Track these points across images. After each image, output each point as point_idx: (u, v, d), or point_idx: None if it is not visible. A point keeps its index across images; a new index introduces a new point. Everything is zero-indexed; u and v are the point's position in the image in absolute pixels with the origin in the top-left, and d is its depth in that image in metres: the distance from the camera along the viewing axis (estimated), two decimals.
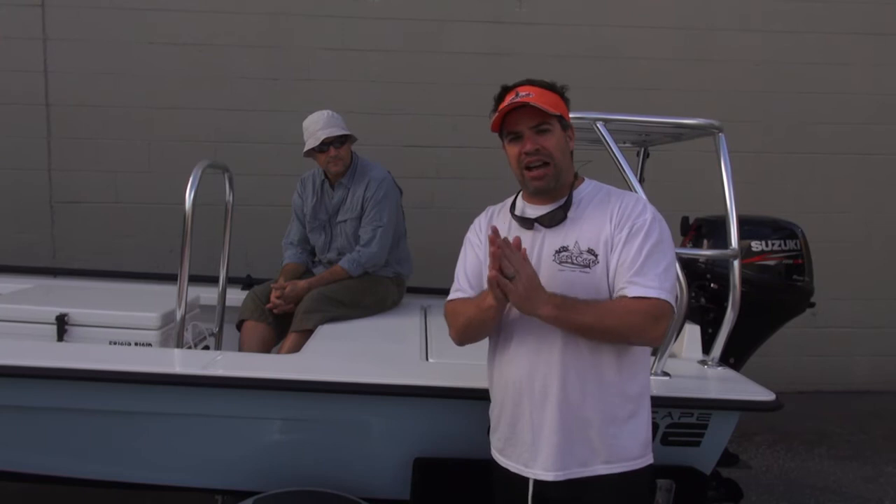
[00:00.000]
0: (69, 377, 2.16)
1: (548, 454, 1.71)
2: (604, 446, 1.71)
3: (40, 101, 4.52)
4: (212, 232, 3.17)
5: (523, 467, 1.75)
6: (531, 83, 1.77)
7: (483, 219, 1.93)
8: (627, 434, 1.73)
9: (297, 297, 3.07)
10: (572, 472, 1.70)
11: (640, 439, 1.75)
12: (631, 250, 1.67)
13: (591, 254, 1.70)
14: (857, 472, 3.89)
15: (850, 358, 5.09)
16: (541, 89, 1.75)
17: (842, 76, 4.90)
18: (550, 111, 1.70)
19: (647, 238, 1.68)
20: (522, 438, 1.75)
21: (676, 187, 3.89)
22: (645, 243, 1.67)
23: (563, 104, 1.78)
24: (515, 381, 1.76)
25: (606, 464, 1.71)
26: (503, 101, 1.75)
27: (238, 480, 2.35)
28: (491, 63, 4.59)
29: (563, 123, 1.77)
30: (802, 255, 2.80)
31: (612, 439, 1.71)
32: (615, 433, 1.71)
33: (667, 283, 1.66)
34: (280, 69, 4.60)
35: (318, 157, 3.22)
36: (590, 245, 1.71)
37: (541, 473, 1.72)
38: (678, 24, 4.79)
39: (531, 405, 1.73)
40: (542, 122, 1.72)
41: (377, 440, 2.31)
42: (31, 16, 4.46)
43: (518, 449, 1.77)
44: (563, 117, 1.77)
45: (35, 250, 4.50)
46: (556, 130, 1.74)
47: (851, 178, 4.97)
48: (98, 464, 2.37)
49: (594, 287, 1.69)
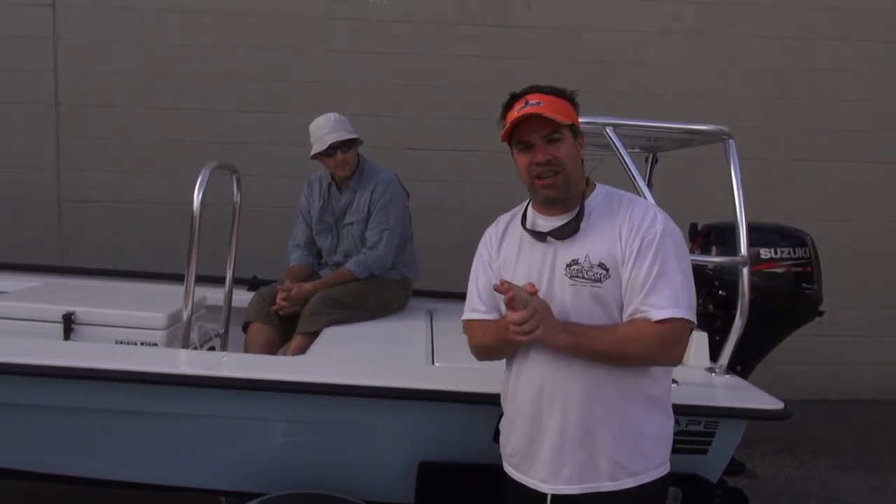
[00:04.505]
0: (75, 376, 2.16)
1: (570, 469, 1.69)
2: (625, 458, 1.68)
3: (49, 101, 4.54)
4: (218, 233, 3.18)
5: (541, 483, 1.73)
6: (539, 90, 1.72)
7: (493, 231, 1.89)
8: (648, 444, 1.71)
9: (303, 299, 3.07)
10: (593, 485, 1.68)
11: (660, 449, 1.74)
12: (643, 267, 1.63)
13: (601, 268, 1.66)
14: (863, 481, 3.87)
15: (857, 367, 5.05)
16: (551, 97, 1.71)
17: (850, 83, 4.88)
18: (562, 121, 1.67)
19: (658, 252, 1.64)
20: (540, 455, 1.72)
21: (685, 193, 3.87)
22: (656, 259, 1.63)
23: (573, 111, 1.74)
24: (533, 397, 1.73)
25: (630, 476, 1.68)
26: (511, 109, 1.72)
27: (242, 482, 2.35)
28: (498, 67, 4.58)
29: (574, 131, 1.73)
30: (811, 263, 2.78)
31: (633, 451, 1.69)
32: (636, 444, 1.69)
33: (683, 299, 1.63)
34: (288, 71, 4.61)
35: (325, 161, 3.22)
36: (601, 259, 1.67)
37: (563, 488, 1.69)
38: (687, 29, 4.78)
39: (550, 421, 1.70)
40: (553, 132, 1.68)
41: (382, 443, 2.30)
42: (41, 16, 4.48)
43: (535, 465, 1.74)
44: (574, 125, 1.73)
45: (42, 249, 4.51)
46: (568, 139, 1.71)
47: (860, 186, 4.95)
48: (102, 463, 2.37)
49: (605, 302, 1.67)
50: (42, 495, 3.11)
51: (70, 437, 2.31)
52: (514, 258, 1.80)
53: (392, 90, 4.66)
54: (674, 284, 1.62)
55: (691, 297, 1.66)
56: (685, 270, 1.67)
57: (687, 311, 1.62)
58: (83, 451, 2.34)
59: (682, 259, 1.67)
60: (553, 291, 1.69)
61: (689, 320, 1.63)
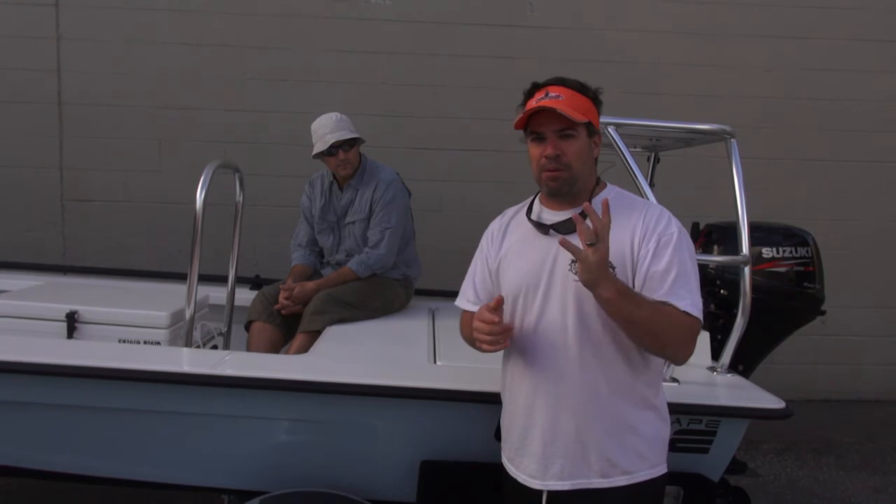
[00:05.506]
0: (79, 374, 2.17)
1: (561, 465, 1.68)
2: (617, 456, 1.67)
3: (53, 100, 4.55)
4: (221, 232, 3.18)
5: (530, 478, 1.73)
6: (563, 83, 1.70)
7: (496, 224, 1.89)
8: (644, 445, 1.70)
9: (306, 298, 3.08)
10: (583, 482, 1.67)
11: (656, 450, 1.73)
12: (661, 263, 1.63)
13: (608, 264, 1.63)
14: (865, 481, 3.86)
15: (860, 366, 5.04)
16: (572, 91, 1.68)
17: (853, 82, 4.87)
18: (577, 118, 1.64)
19: (676, 252, 1.64)
20: (531, 449, 1.72)
21: (687, 193, 3.86)
22: (674, 258, 1.63)
23: (593, 109, 1.72)
24: (527, 391, 1.73)
25: (623, 475, 1.67)
26: (531, 98, 1.70)
27: (244, 480, 2.35)
28: (501, 66, 4.58)
29: (591, 130, 1.71)
30: (813, 263, 2.77)
31: (626, 449, 1.68)
32: (629, 443, 1.68)
33: (697, 301, 1.64)
34: (290, 70, 4.61)
35: (326, 161, 3.23)
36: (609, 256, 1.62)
37: (552, 484, 1.69)
38: (689, 29, 4.77)
39: (542, 415, 1.70)
40: (568, 128, 1.66)
41: (384, 442, 2.30)
42: (45, 15, 4.49)
43: (526, 459, 1.74)
44: (592, 123, 1.70)
45: (46, 248, 4.52)
46: (581, 137, 1.69)
47: (862, 185, 4.94)
48: (105, 461, 2.38)
49: None
50: (44, 493, 3.13)
51: (72, 435, 2.31)
52: (517, 249, 1.79)
53: (393, 90, 4.66)
54: (691, 286, 1.64)
55: (701, 302, 1.66)
56: (697, 276, 1.67)
57: (700, 314, 1.63)
58: (86, 449, 2.34)
59: (694, 264, 1.68)
60: (555, 285, 1.68)
61: (701, 321, 1.64)
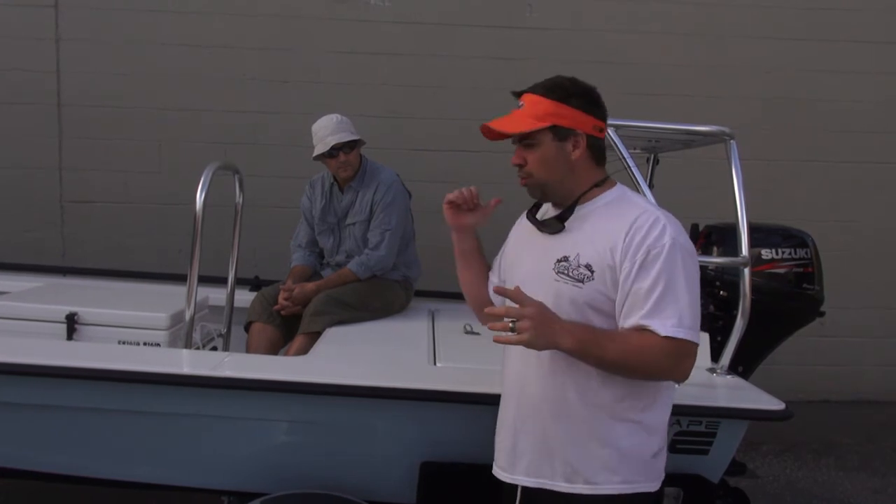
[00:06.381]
0: (78, 376, 2.17)
1: (527, 462, 1.69)
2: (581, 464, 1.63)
3: (52, 101, 4.54)
4: (221, 233, 3.18)
5: (501, 471, 1.77)
6: (533, 89, 1.67)
7: (520, 218, 1.91)
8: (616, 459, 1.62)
9: (305, 299, 3.08)
10: (546, 482, 1.66)
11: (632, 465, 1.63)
12: (646, 280, 1.53)
13: (587, 269, 1.60)
14: (865, 482, 3.86)
15: (859, 367, 5.04)
16: (536, 97, 1.65)
17: (852, 84, 4.87)
18: (520, 130, 1.63)
19: (665, 265, 1.53)
20: (506, 444, 1.75)
21: (686, 194, 3.87)
22: (661, 274, 1.52)
23: (563, 110, 1.63)
24: (508, 386, 1.77)
25: (586, 483, 1.62)
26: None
27: (244, 481, 2.35)
28: (501, 68, 4.58)
29: (561, 132, 1.64)
30: (813, 264, 2.78)
31: (593, 460, 1.62)
32: (598, 454, 1.62)
33: (686, 318, 1.52)
34: (291, 71, 4.61)
35: (327, 162, 3.23)
36: (589, 261, 1.60)
37: (520, 479, 1.71)
38: (688, 30, 4.77)
39: (515, 413, 1.73)
40: (525, 137, 1.65)
41: (384, 443, 2.30)
42: (44, 16, 4.49)
43: (501, 453, 1.78)
44: (559, 126, 1.63)
45: (45, 249, 4.52)
46: (545, 143, 1.64)
47: (862, 186, 4.94)
48: (105, 463, 2.38)
49: (582, 304, 1.60)
50: (44, 494, 3.12)
51: (72, 436, 2.31)
52: (520, 245, 1.83)
53: (393, 91, 4.66)
54: (679, 302, 1.52)
55: (696, 316, 1.55)
56: (692, 289, 1.56)
57: (689, 332, 1.52)
58: (85, 450, 2.34)
59: (689, 276, 1.56)
60: (542, 284, 1.66)
61: (694, 343, 1.53)
